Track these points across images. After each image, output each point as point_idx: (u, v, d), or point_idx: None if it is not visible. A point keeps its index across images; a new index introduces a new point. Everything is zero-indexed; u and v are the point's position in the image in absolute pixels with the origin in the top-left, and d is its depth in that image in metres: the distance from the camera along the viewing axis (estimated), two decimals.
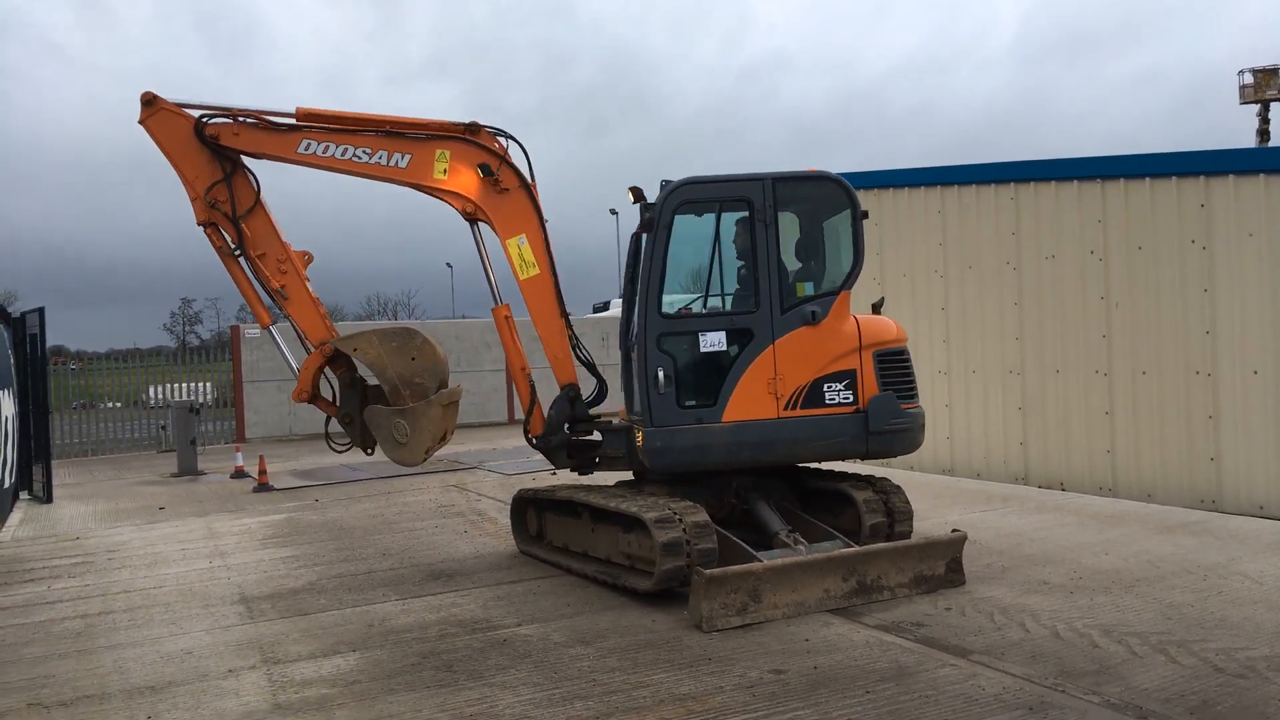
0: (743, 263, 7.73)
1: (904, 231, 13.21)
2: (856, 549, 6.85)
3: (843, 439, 7.38)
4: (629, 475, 8.29)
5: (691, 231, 7.77)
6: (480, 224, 8.24)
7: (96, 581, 8.44)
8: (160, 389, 25.04)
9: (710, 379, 7.40)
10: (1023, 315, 11.58)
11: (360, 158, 7.92)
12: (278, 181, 8.62)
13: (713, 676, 5.34)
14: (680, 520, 6.73)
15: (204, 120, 7.92)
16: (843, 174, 8.14)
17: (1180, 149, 10.15)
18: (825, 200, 7.88)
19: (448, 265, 78.26)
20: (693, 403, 7.37)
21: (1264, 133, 54.09)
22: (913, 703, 4.85)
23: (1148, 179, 10.19)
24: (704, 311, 7.79)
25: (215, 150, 7.98)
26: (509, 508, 9.26)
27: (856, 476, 7.99)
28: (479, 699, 5.16)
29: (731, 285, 7.86)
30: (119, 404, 23.69)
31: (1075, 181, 10.92)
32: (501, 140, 8.15)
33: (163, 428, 21.85)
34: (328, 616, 6.96)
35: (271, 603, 7.45)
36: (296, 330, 8.53)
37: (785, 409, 7.31)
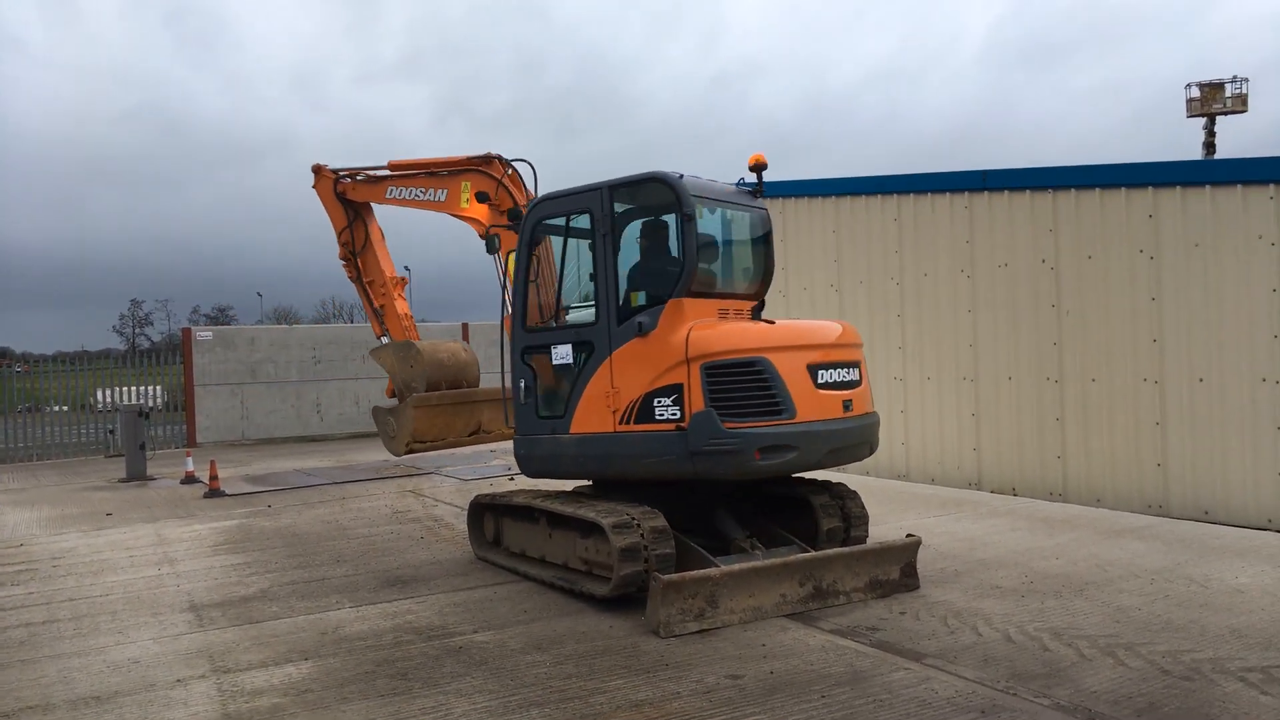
0: (593, 274, 7.67)
1: (860, 239, 13.34)
2: (813, 554, 6.89)
3: (668, 458, 6.84)
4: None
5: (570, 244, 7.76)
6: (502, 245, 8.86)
7: (41, 589, 8.24)
8: (108, 392, 24.53)
9: (561, 391, 7.58)
10: (976, 323, 11.75)
11: (419, 196, 9.85)
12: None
13: (670, 682, 5.34)
14: (638, 525, 6.73)
15: (338, 179, 10.42)
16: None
17: (1137, 160, 10.35)
18: (661, 204, 7.49)
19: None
20: (547, 414, 7.66)
21: (1210, 145, 55.46)
22: (867, 707, 4.88)
23: (1098, 190, 10.39)
24: (553, 325, 7.79)
25: (345, 202, 10.73)
26: (466, 513, 9.19)
27: (813, 482, 8.04)
28: (434, 707, 5.11)
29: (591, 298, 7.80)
30: (65, 407, 23.16)
31: (1028, 191, 11.11)
32: (516, 166, 9.31)
33: (111, 432, 21.42)
34: (280, 624, 6.86)
35: (222, 610, 7.32)
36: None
37: (620, 423, 7.11)
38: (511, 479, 13.43)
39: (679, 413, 6.78)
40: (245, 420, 22.64)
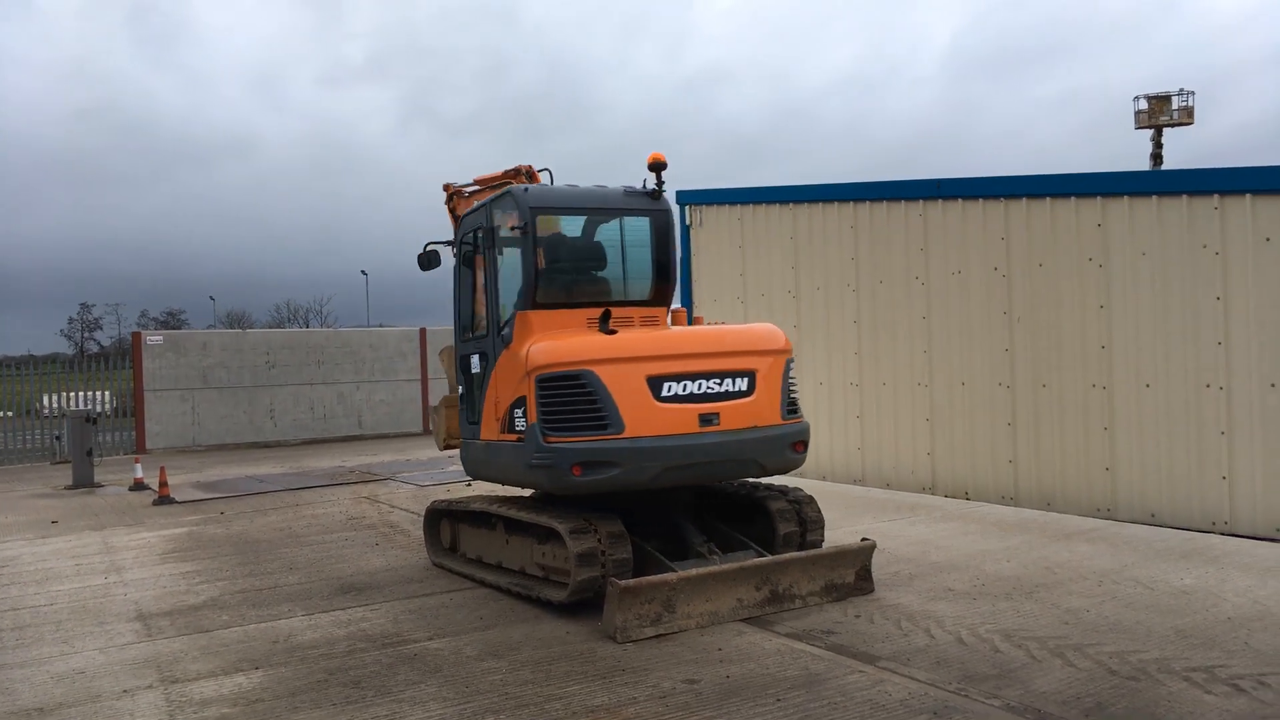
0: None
1: (818, 246, 13.46)
2: (769, 558, 6.92)
3: (518, 468, 6.97)
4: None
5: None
6: None
7: None
8: (55, 398, 24.02)
9: (476, 399, 7.88)
10: (931, 329, 11.90)
11: None
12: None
13: (626, 687, 5.33)
14: (595, 530, 6.72)
15: (449, 196, 10.14)
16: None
17: (1087, 170, 10.56)
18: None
19: (363, 273, 77.01)
20: (471, 420, 7.96)
21: (1157, 156, 56.72)
22: (822, 709, 4.91)
23: (1049, 199, 10.58)
24: (469, 336, 8.20)
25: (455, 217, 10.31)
26: (422, 519, 9.12)
27: (770, 487, 8.08)
28: (387, 715, 5.05)
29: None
30: (10, 413, 22.62)
31: (981, 200, 11.28)
32: (541, 175, 8.92)
33: (57, 438, 20.97)
34: (230, 633, 6.75)
35: (170, 620, 7.19)
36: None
37: (500, 432, 7.30)
38: (469, 484, 13.33)
39: (524, 425, 6.86)
40: (197, 426, 22.28)
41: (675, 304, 8.27)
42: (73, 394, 23.49)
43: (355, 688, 5.49)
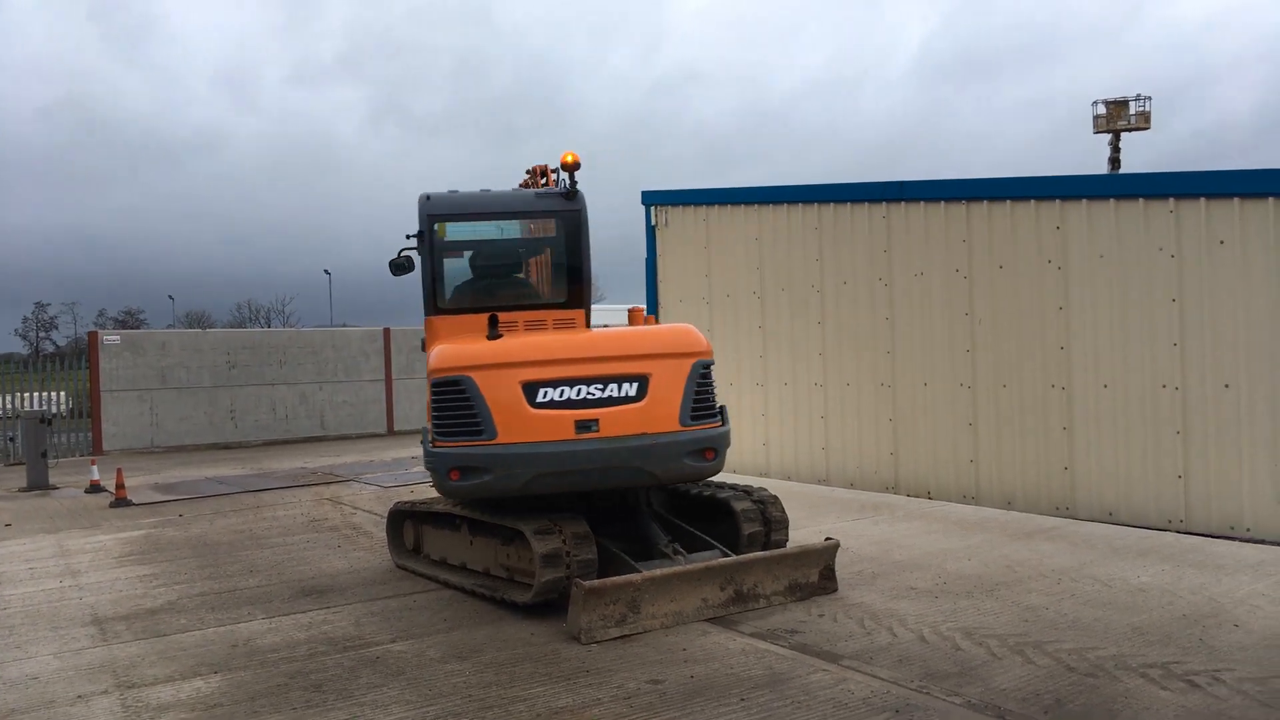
0: None
1: (783, 247, 13.52)
2: (733, 558, 6.94)
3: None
4: None
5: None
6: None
7: None
8: (9, 398, 23.53)
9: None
10: (894, 330, 12.00)
11: None
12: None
13: (590, 688, 5.32)
14: (560, 531, 6.70)
15: None
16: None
17: (1046, 174, 10.69)
18: None
19: (325, 273, 76.32)
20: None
21: (1115, 160, 57.67)
22: (785, 709, 4.93)
23: (1009, 202, 10.71)
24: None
25: None
26: (385, 521, 9.04)
27: (735, 487, 8.10)
28: (348, 719, 5.00)
29: None
30: None
31: (943, 203, 11.39)
32: (553, 175, 8.82)
33: (11, 439, 20.55)
34: (188, 637, 6.65)
35: (127, 624, 7.07)
36: None
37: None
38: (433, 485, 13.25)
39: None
40: (155, 427, 21.93)
41: (633, 305, 8.37)
42: (27, 394, 23.04)
43: (316, 691, 5.44)
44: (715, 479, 8.60)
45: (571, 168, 7.74)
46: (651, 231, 15.45)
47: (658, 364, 6.93)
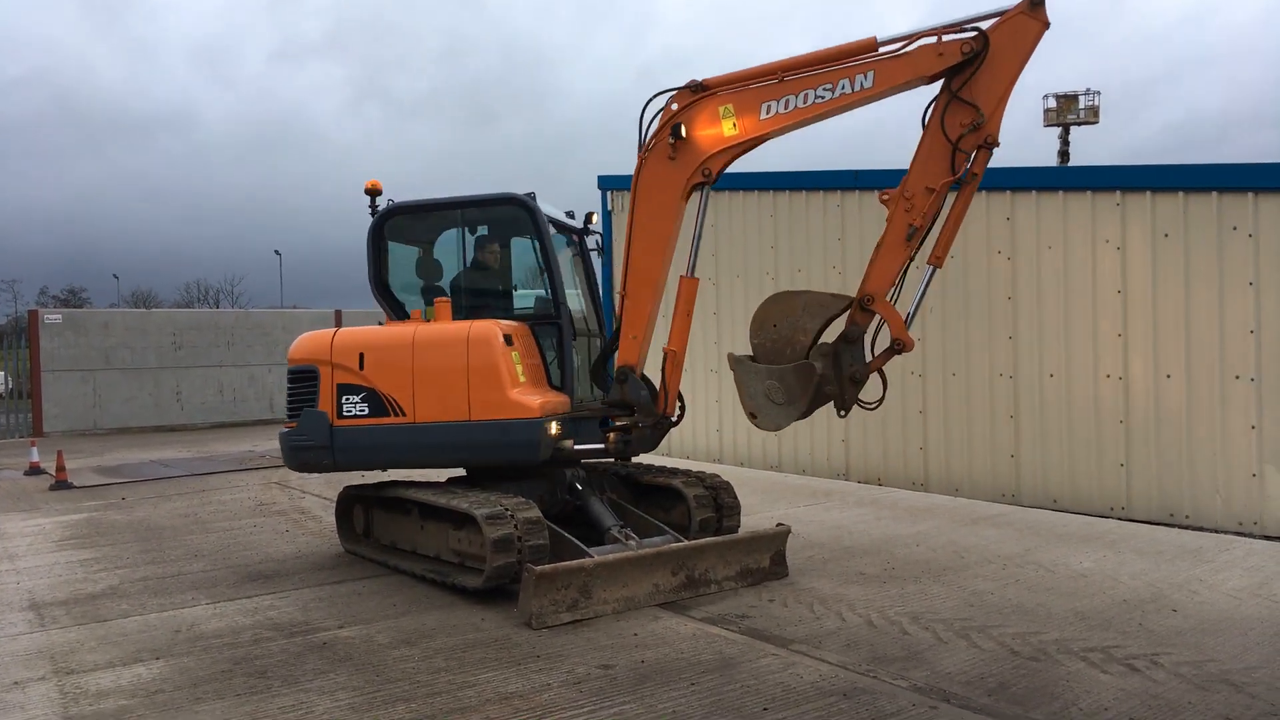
0: None
1: (738, 234, 13.54)
2: (685, 544, 6.96)
3: None
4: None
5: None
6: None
7: None
8: None
9: None
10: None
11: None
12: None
13: (541, 674, 5.30)
14: (512, 516, 6.66)
15: None
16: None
17: (997, 166, 10.78)
18: None
19: (276, 253, 75.00)
20: None
21: (1064, 153, 58.62)
22: (735, 693, 4.96)
23: None
24: None
25: None
26: (334, 505, 8.93)
27: (687, 473, 8.12)
28: (294, 705, 4.93)
29: None
30: None
31: None
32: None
33: None
34: (129, 623, 6.51)
35: (65, 609, 6.90)
36: None
37: None
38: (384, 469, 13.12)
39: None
40: (98, 409, 21.46)
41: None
42: None
43: (261, 677, 5.35)
44: (669, 464, 8.62)
45: (372, 193, 8.28)
46: (608, 216, 15.39)
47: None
